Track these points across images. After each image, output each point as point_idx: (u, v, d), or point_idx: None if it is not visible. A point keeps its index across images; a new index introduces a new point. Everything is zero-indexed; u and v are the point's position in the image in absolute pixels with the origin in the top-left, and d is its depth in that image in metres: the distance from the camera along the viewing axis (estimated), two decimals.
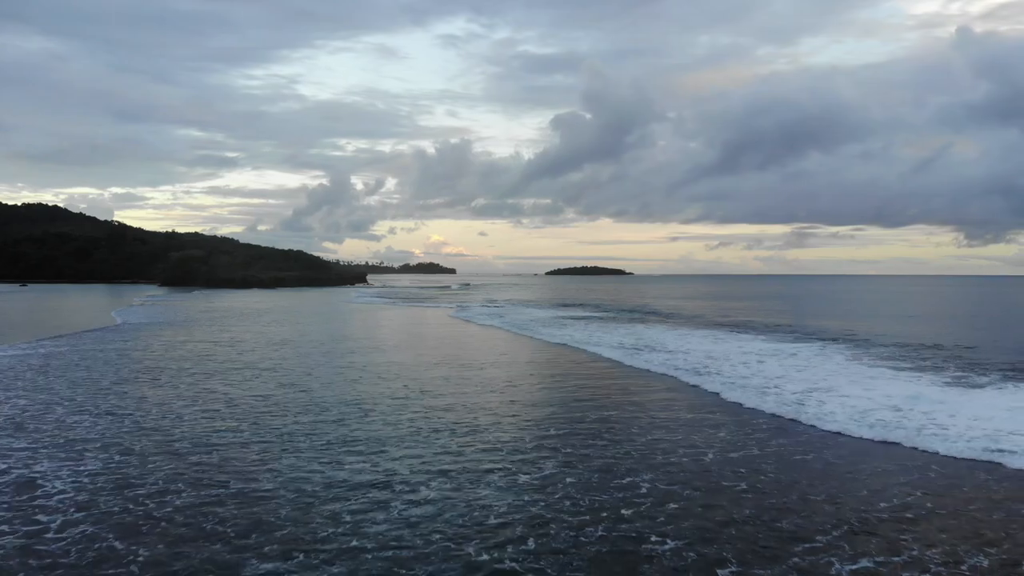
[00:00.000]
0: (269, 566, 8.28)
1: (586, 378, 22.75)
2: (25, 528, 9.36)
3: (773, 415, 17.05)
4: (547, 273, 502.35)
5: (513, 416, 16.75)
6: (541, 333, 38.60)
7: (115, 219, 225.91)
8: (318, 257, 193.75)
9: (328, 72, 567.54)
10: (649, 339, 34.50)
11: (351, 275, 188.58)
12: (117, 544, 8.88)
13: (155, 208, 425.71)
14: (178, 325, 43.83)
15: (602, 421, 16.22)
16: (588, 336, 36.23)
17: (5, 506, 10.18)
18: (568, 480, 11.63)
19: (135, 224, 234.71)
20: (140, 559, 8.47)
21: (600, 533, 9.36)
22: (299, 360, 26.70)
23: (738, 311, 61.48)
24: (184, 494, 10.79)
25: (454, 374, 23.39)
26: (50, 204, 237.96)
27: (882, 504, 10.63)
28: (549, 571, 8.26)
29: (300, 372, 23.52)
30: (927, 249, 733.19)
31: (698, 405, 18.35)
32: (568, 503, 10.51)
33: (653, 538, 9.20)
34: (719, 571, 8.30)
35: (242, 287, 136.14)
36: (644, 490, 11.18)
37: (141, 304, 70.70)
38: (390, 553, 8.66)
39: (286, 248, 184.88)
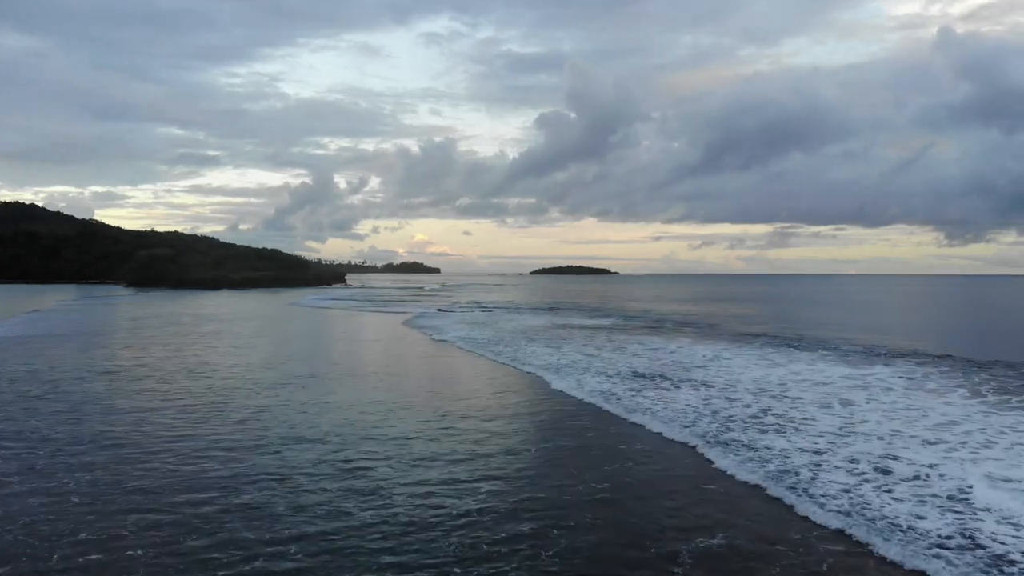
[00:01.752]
0: None
1: (614, 462, 14.68)
2: None
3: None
4: (532, 273, 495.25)
5: None
6: (528, 357, 28.84)
7: (95, 218, 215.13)
8: (297, 256, 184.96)
9: (310, 70, 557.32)
10: (674, 361, 26.54)
11: (329, 275, 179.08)
12: None
13: (136, 207, 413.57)
14: (75, 339, 35.11)
15: None
16: (591, 359, 27.85)
17: None
18: None
19: (114, 223, 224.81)
20: None
21: None
22: (184, 407, 18.46)
23: (756, 317, 53.74)
24: None
25: (397, 448, 15.34)
26: (27, 203, 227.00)
27: None
28: None
29: (164, 439, 15.31)
30: (908, 249, 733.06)
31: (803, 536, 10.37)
32: None
33: None
34: None
35: (212, 288, 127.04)
36: None
37: (53, 309, 61.68)
38: None
39: (269, 247, 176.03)
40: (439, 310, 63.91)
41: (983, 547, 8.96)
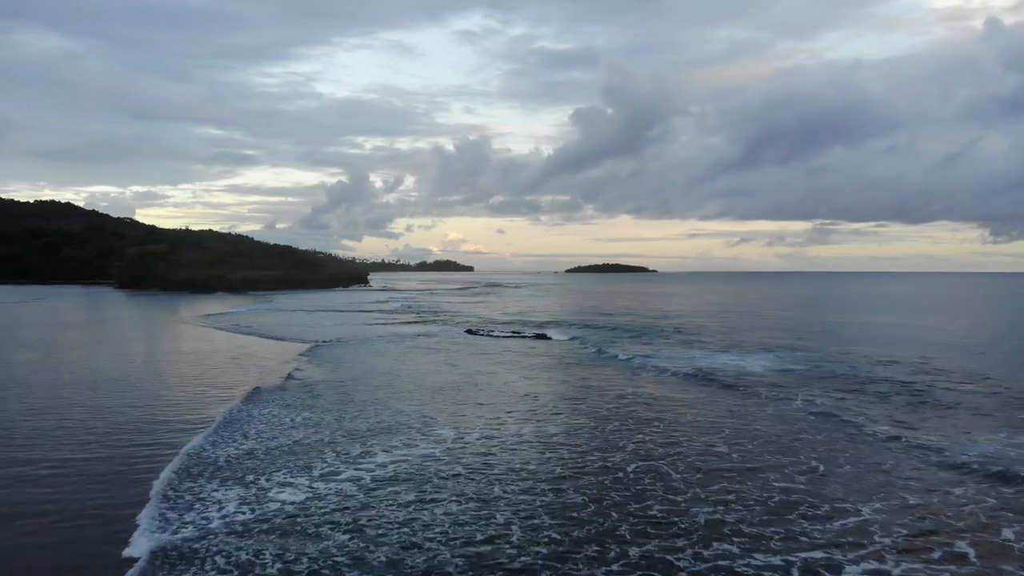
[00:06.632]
0: None
1: None
2: None
3: None
4: (567, 271, 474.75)
5: None
6: None
7: (135, 217, 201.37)
8: (324, 253, 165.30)
9: (345, 70, 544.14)
10: None
11: (347, 275, 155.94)
12: None
13: (175, 206, 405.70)
14: None
15: None
16: None
17: None
18: None
19: (150, 223, 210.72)
20: None
21: None
22: None
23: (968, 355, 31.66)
24: None
25: None
26: (63, 201, 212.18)
27: None
28: None
29: None
30: (951, 246, 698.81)
31: None
32: None
33: None
34: None
35: (204, 291, 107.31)
36: None
37: None
38: None
39: (305, 247, 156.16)
40: (467, 331, 42.73)
41: None
